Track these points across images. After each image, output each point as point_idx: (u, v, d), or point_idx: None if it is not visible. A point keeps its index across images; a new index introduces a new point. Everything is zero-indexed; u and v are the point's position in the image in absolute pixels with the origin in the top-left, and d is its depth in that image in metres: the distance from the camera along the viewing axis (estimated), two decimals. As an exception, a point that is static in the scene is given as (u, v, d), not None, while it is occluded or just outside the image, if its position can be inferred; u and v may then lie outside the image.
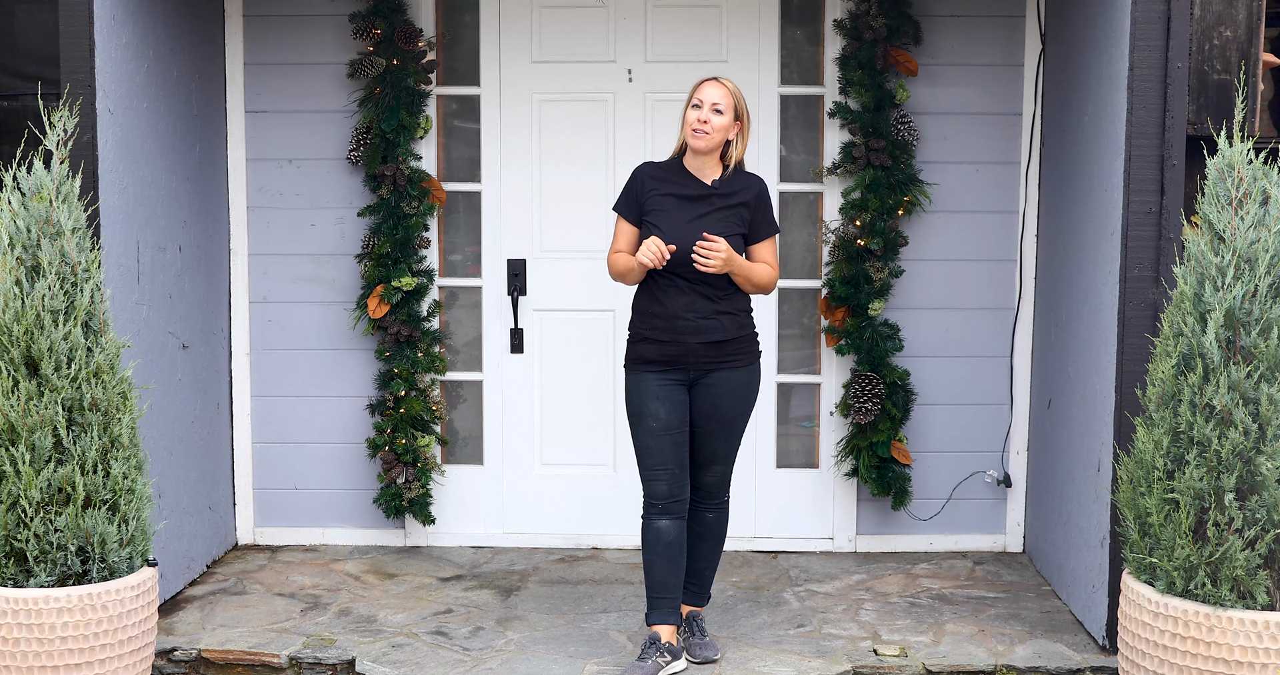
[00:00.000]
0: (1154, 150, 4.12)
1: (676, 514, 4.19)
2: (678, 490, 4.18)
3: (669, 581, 4.20)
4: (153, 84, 4.63)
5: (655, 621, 4.22)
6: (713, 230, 4.09)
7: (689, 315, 4.12)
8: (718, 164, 4.18)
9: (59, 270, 3.61)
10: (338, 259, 5.40)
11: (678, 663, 4.21)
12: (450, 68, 5.42)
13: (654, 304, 4.16)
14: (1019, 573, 5.19)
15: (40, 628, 3.49)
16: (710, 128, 4.08)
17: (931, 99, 5.28)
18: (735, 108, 4.11)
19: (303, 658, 4.30)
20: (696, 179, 4.17)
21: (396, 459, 5.35)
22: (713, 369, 4.17)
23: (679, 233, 4.10)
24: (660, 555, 4.19)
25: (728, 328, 4.15)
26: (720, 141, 4.12)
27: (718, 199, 4.15)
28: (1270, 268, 3.49)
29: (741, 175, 4.21)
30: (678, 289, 4.13)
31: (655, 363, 4.17)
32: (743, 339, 4.20)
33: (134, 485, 3.68)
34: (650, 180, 4.20)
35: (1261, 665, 3.41)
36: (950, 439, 5.42)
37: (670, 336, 4.14)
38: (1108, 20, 4.36)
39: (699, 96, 4.11)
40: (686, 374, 4.17)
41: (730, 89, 4.11)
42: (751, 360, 4.24)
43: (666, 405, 4.16)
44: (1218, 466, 3.47)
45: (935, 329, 5.37)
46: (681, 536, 4.21)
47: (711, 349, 4.15)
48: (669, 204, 4.15)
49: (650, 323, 4.17)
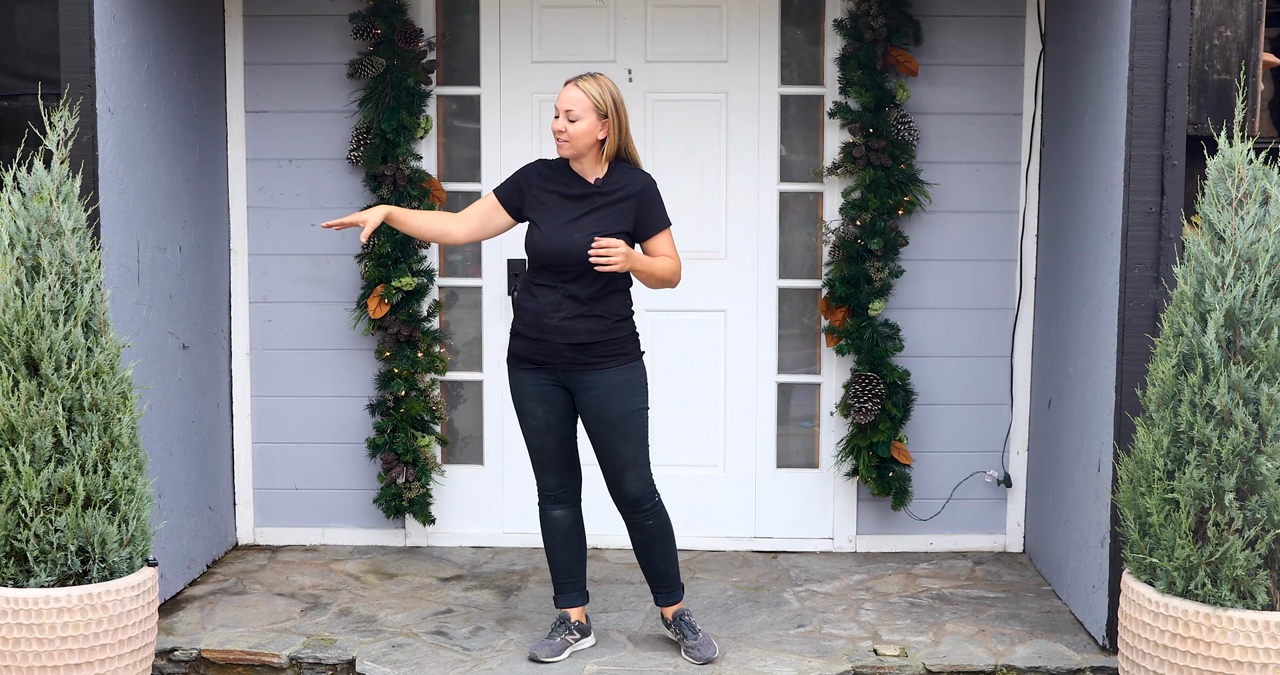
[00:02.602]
0: (1154, 150, 4.12)
1: (569, 502, 4.34)
2: (567, 480, 4.32)
3: (571, 566, 4.38)
4: (153, 84, 4.63)
5: (563, 604, 4.41)
6: (592, 228, 4.09)
7: (554, 315, 4.13)
8: (602, 162, 4.17)
9: (59, 270, 3.61)
10: (338, 259, 5.40)
11: (586, 640, 4.40)
12: (450, 68, 5.42)
13: (528, 299, 4.19)
14: (1019, 573, 5.19)
15: (40, 628, 3.49)
16: (568, 135, 4.08)
17: (931, 99, 5.29)
18: (596, 107, 4.08)
19: (303, 658, 4.30)
20: (580, 178, 4.17)
21: (397, 459, 5.35)
22: (581, 371, 4.16)
23: (557, 232, 4.12)
24: (559, 543, 4.35)
25: (593, 330, 4.13)
26: (586, 144, 4.10)
27: (599, 197, 4.14)
28: (1270, 268, 3.49)
29: (626, 173, 4.18)
30: (549, 287, 4.14)
31: (525, 360, 4.22)
32: (612, 342, 4.17)
33: (134, 485, 3.68)
34: (538, 177, 4.22)
35: (1261, 665, 3.41)
36: (950, 439, 5.42)
37: (537, 334, 4.16)
38: (1108, 20, 4.36)
39: (556, 104, 4.11)
40: (557, 375, 4.19)
41: (586, 90, 4.07)
42: (626, 360, 4.20)
43: (543, 405, 4.21)
44: (1218, 466, 3.47)
45: (935, 329, 5.37)
46: (578, 523, 4.36)
47: (576, 350, 4.14)
48: (551, 201, 4.16)
49: (521, 318, 4.21)
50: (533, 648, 4.29)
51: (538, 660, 4.24)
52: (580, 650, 4.36)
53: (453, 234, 4.29)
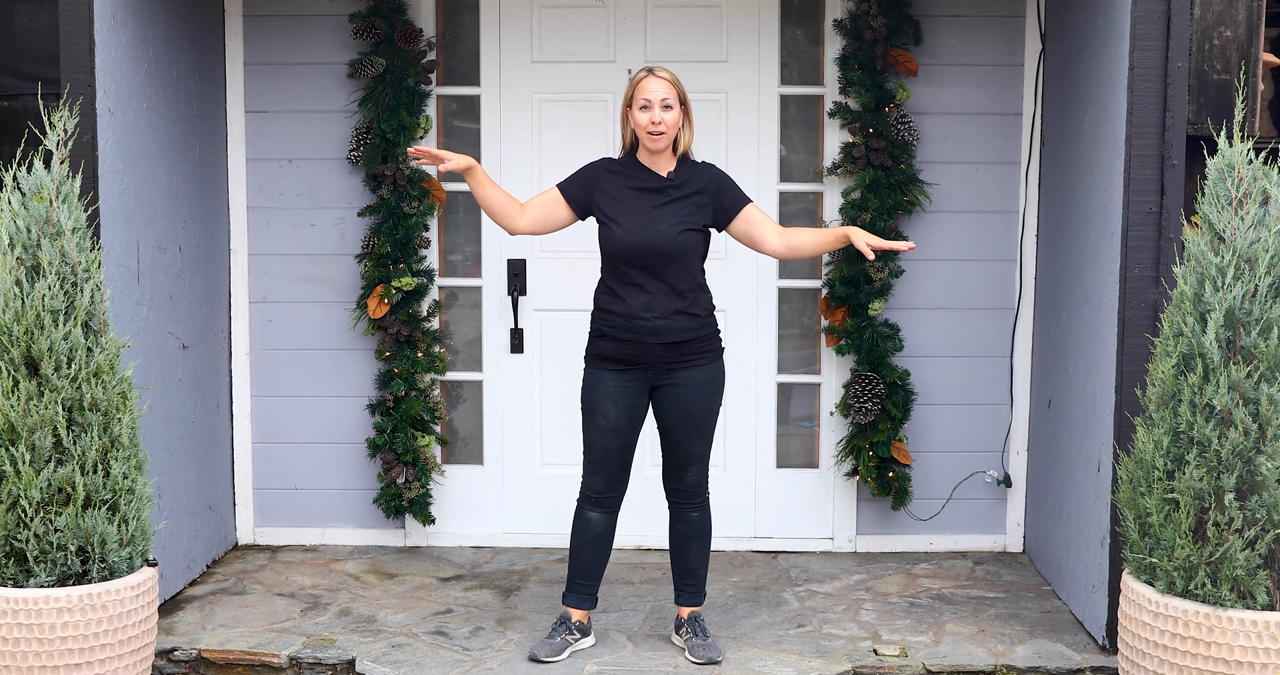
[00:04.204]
0: (1154, 150, 4.12)
1: (610, 508, 4.32)
2: (615, 487, 4.30)
3: (592, 570, 4.36)
4: (153, 84, 4.63)
5: (571, 604, 4.39)
6: (671, 222, 4.10)
7: (647, 315, 4.12)
8: (671, 156, 4.18)
9: (59, 270, 3.61)
10: (338, 259, 5.40)
11: (586, 640, 4.39)
12: (450, 68, 5.42)
13: (614, 301, 4.17)
14: (1019, 573, 5.19)
15: (40, 628, 3.49)
16: (665, 126, 4.09)
17: (931, 99, 5.29)
18: (680, 96, 4.11)
19: (303, 658, 4.30)
20: (652, 172, 4.18)
21: (396, 459, 5.35)
22: (673, 369, 4.17)
23: (637, 225, 4.11)
24: (588, 544, 4.33)
25: (687, 328, 4.15)
26: (675, 135, 4.13)
27: (674, 190, 4.15)
28: (1270, 268, 3.49)
29: (693, 166, 4.21)
30: (638, 287, 4.13)
31: (613, 360, 4.20)
32: (703, 338, 4.19)
33: (134, 485, 3.68)
34: (605, 173, 4.21)
35: (1261, 665, 3.41)
36: (950, 439, 5.42)
37: (629, 336, 4.15)
38: (1108, 20, 4.36)
39: (645, 96, 4.08)
40: (645, 374, 4.19)
41: (670, 80, 4.09)
42: (713, 358, 4.23)
43: (618, 407, 4.20)
44: (1218, 466, 3.47)
45: (935, 329, 5.37)
46: (610, 529, 4.34)
47: (670, 350, 4.15)
48: (625, 196, 4.16)
49: (610, 320, 4.18)
50: (533, 647, 4.29)
51: (538, 660, 4.24)
52: (580, 650, 4.36)
53: (514, 221, 4.22)
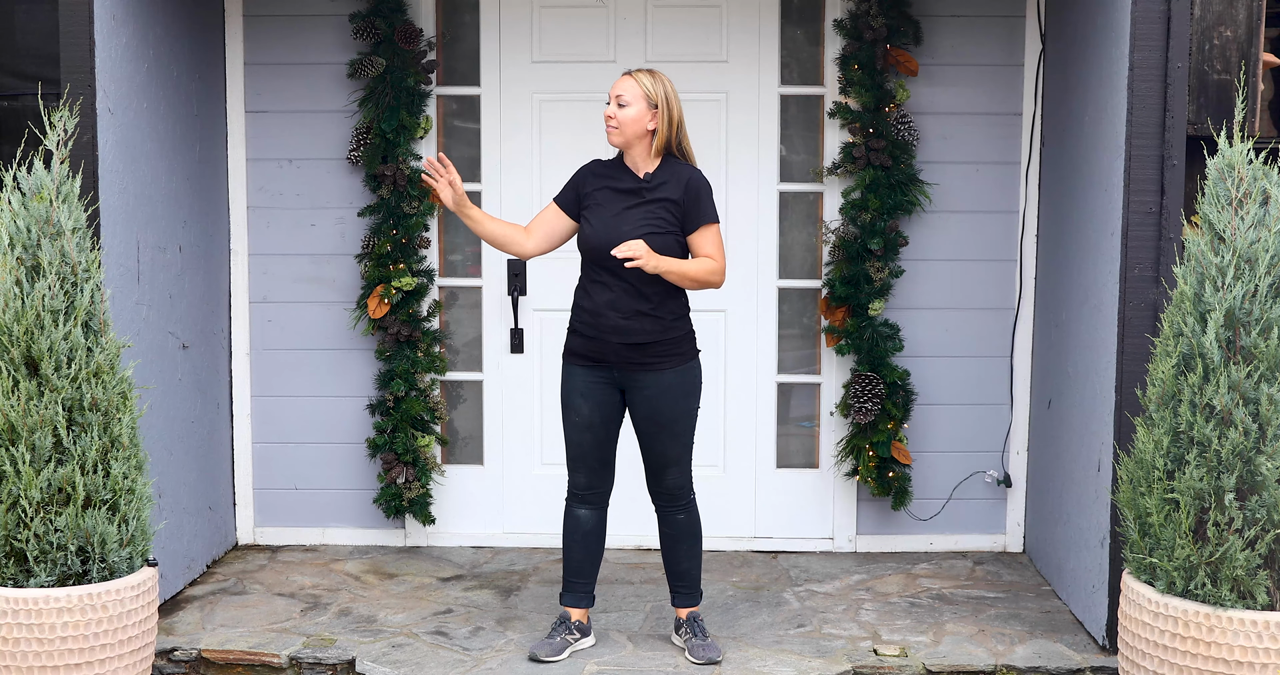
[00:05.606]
0: (1154, 150, 4.12)
1: (596, 504, 4.33)
2: (597, 482, 4.31)
3: (585, 568, 4.37)
4: (153, 84, 4.63)
5: (568, 603, 4.40)
6: (636, 224, 4.10)
7: (610, 314, 4.14)
8: (650, 156, 4.17)
9: (59, 270, 3.61)
10: (338, 259, 5.40)
11: (586, 640, 4.40)
12: (450, 68, 5.42)
13: (584, 298, 4.21)
14: (1019, 573, 5.19)
15: (40, 628, 3.49)
16: (616, 122, 4.10)
17: (931, 99, 5.29)
18: (647, 96, 4.10)
19: (303, 658, 4.30)
20: (631, 173, 4.18)
21: (396, 459, 5.35)
22: (637, 370, 4.17)
23: (605, 226, 4.13)
24: (578, 542, 4.34)
25: (649, 330, 4.14)
26: (634, 133, 4.12)
27: (646, 192, 4.15)
28: (1270, 268, 3.49)
29: (675, 168, 4.17)
30: (604, 285, 4.15)
31: (581, 356, 4.23)
32: (668, 342, 4.17)
33: (134, 485, 3.68)
34: (592, 175, 4.24)
35: (1261, 665, 3.41)
36: (950, 439, 5.42)
37: (594, 332, 4.17)
38: (1108, 20, 4.36)
39: (609, 92, 4.17)
40: (612, 372, 4.20)
41: (639, 79, 4.11)
42: (680, 361, 4.20)
43: (590, 402, 4.22)
44: (1218, 466, 3.47)
45: (935, 329, 5.37)
46: (600, 526, 4.35)
47: (633, 350, 4.15)
48: (603, 197, 4.18)
49: (579, 316, 4.22)
50: (533, 647, 4.29)
51: (538, 660, 4.25)
52: (580, 650, 4.36)
53: (522, 246, 4.27)
